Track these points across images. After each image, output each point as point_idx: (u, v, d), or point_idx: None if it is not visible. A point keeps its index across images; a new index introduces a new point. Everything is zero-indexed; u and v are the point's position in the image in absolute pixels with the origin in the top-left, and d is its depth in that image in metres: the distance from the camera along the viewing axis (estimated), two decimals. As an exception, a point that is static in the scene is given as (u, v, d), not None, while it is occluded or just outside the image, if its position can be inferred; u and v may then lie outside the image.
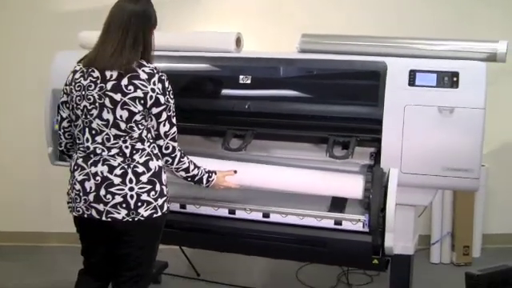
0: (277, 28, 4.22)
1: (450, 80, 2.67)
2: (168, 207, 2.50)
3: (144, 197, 2.39)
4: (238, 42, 3.10)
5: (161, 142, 2.46)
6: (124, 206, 2.37)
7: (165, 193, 2.46)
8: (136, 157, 2.39)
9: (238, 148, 2.83)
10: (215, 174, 2.70)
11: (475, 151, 2.64)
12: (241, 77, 2.91)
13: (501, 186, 4.50)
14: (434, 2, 4.34)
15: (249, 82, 2.90)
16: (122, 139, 2.38)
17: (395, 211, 2.64)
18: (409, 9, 4.31)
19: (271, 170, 2.86)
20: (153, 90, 2.36)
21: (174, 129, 2.47)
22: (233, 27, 3.24)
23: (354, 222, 2.73)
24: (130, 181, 2.38)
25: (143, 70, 2.37)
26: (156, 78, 2.38)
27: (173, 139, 2.48)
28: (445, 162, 2.66)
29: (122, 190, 2.37)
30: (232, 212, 2.89)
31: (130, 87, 2.34)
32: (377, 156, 2.78)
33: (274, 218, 2.84)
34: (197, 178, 2.63)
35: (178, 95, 2.96)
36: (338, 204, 2.83)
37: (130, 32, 2.38)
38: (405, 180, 2.69)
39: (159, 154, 2.48)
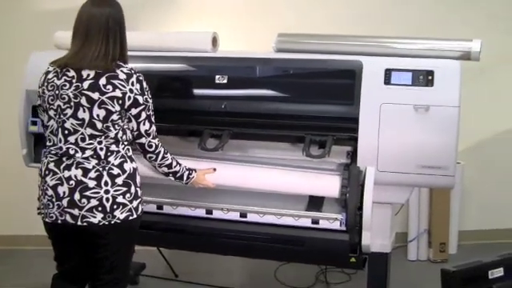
0: (254, 27, 4.22)
1: (425, 78, 2.69)
2: (142, 209, 2.49)
3: (120, 199, 2.37)
4: (214, 41, 3.09)
5: (143, 140, 2.47)
6: (100, 209, 2.35)
7: (139, 195, 2.46)
8: (111, 159, 2.38)
9: (214, 148, 2.82)
10: (195, 171, 2.72)
11: (450, 149, 2.67)
12: (217, 76, 2.90)
13: (476, 183, 4.55)
14: (410, 1, 4.36)
15: (225, 81, 2.89)
16: (97, 140, 2.36)
17: (372, 209, 2.65)
18: (383, 8, 4.33)
19: (248, 170, 2.86)
20: (131, 91, 2.37)
21: (154, 126, 2.49)
22: (209, 27, 3.22)
23: (332, 220, 2.73)
24: (106, 183, 2.36)
25: (121, 71, 2.37)
26: (134, 79, 2.38)
27: (154, 137, 2.50)
28: (421, 160, 2.68)
29: (98, 193, 2.35)
30: (209, 212, 2.88)
31: (109, 86, 2.33)
32: (353, 155, 2.79)
33: (251, 217, 2.84)
34: (178, 174, 2.65)
35: (155, 96, 2.94)
36: (315, 203, 2.83)
37: (110, 34, 2.39)
38: (381, 178, 2.71)
39: (142, 152, 2.52)
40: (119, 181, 2.38)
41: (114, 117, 2.35)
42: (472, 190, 4.55)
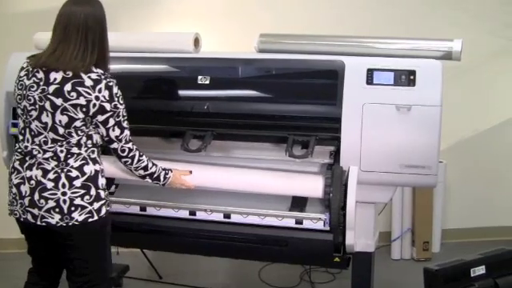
0: (236, 28, 4.21)
1: (406, 78, 2.70)
2: (107, 211, 2.47)
3: (77, 201, 2.36)
4: (196, 42, 3.08)
5: (115, 146, 2.46)
6: (57, 210, 2.35)
7: (102, 196, 2.44)
8: (70, 161, 2.37)
9: (197, 149, 2.80)
10: (171, 171, 2.71)
11: (433, 148, 2.68)
12: (199, 77, 2.89)
13: (458, 181, 4.58)
14: (390, 1, 4.38)
15: (207, 82, 2.88)
16: (58, 143, 2.36)
17: (355, 209, 2.65)
18: (364, 7, 4.34)
19: (231, 171, 2.85)
20: (97, 98, 2.34)
21: (126, 132, 2.47)
22: (191, 27, 3.22)
23: (315, 220, 2.73)
24: (63, 185, 2.35)
25: (89, 77, 2.34)
26: (102, 85, 2.35)
27: (126, 141, 2.48)
28: (403, 160, 2.69)
29: (55, 194, 2.35)
30: (192, 213, 2.87)
31: (73, 93, 2.31)
32: (336, 155, 2.78)
33: (234, 218, 2.83)
34: (155, 175, 2.63)
35: (136, 97, 2.99)
36: (298, 203, 2.82)
37: (89, 34, 2.37)
38: (364, 178, 2.71)
39: (116, 157, 2.50)
40: (77, 183, 2.37)
41: (77, 123, 2.35)
42: (454, 189, 4.58)
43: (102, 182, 2.45)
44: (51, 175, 2.35)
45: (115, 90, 2.39)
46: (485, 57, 4.43)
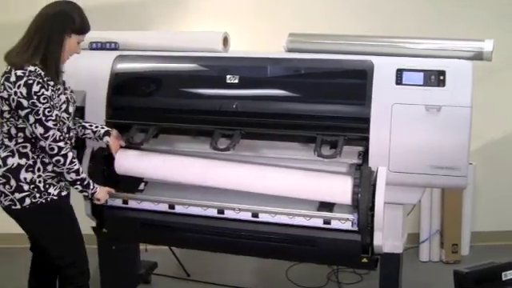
0: (264, 27, 4.21)
1: (436, 79, 2.67)
2: (33, 202, 2.59)
3: (1, 188, 2.59)
4: (225, 41, 3.09)
5: (42, 143, 2.55)
6: None
7: (25, 189, 2.58)
8: (1, 151, 2.60)
9: (225, 148, 2.80)
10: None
11: (463, 149, 2.65)
12: (228, 76, 2.90)
13: (488, 183, 4.51)
14: (419, 1, 4.34)
15: (236, 81, 2.89)
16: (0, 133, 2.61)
17: (384, 210, 2.64)
18: (394, 9, 4.31)
19: (258, 174, 2.85)
20: (15, 93, 2.48)
21: (53, 131, 2.53)
22: (220, 27, 3.23)
23: (343, 221, 2.73)
24: None
25: (15, 73, 2.48)
26: (22, 82, 2.47)
27: (55, 140, 2.55)
28: (433, 161, 2.66)
29: None
30: (221, 212, 2.89)
31: (1, 87, 2.51)
32: (365, 155, 2.76)
33: (263, 217, 2.84)
34: (85, 182, 2.69)
35: (165, 95, 3.03)
36: (327, 203, 2.82)
37: (37, 34, 2.53)
38: (393, 178, 2.69)
39: (48, 157, 2.58)
40: (0, 171, 2.57)
41: (6, 115, 2.55)
42: (484, 191, 4.52)
43: (25, 176, 2.58)
44: None
45: (35, 88, 2.48)
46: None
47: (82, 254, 2.79)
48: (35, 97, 2.47)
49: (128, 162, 3.00)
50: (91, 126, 2.93)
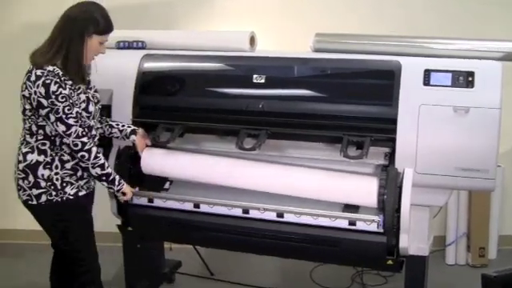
0: (291, 27, 4.21)
1: (465, 80, 2.66)
2: (49, 199, 2.66)
3: (20, 182, 2.69)
4: (252, 41, 3.11)
5: (66, 141, 2.62)
6: (15, 183, 2.73)
7: (42, 185, 2.65)
8: (22, 147, 2.69)
9: (251, 147, 2.82)
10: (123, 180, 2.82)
11: (491, 151, 2.63)
12: (254, 76, 2.91)
13: (517, 186, 4.47)
14: (447, 1, 4.31)
15: (263, 81, 2.90)
16: (23, 129, 2.69)
17: (410, 212, 2.64)
18: (422, 8, 4.29)
19: (282, 175, 2.86)
20: (35, 93, 2.56)
21: (74, 128, 2.60)
22: (247, 26, 3.25)
23: (369, 222, 2.72)
24: (15, 165, 2.71)
25: (35, 73, 2.56)
26: (40, 82, 2.54)
27: (78, 136, 2.61)
28: (460, 163, 2.65)
29: (15, 171, 2.72)
30: (246, 211, 2.90)
31: (24, 86, 2.60)
32: (391, 156, 2.76)
33: (287, 217, 2.85)
34: (111, 177, 2.74)
35: (192, 95, 3.05)
36: (352, 204, 2.82)
37: (60, 34, 2.60)
38: (420, 180, 2.68)
39: (73, 153, 2.65)
40: (20, 166, 2.68)
41: (27, 112, 2.63)
42: (513, 194, 4.48)
43: (42, 172, 2.65)
44: (18, 156, 2.70)
45: (53, 87, 2.54)
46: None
47: (93, 251, 2.85)
48: (53, 96, 2.54)
49: (154, 160, 3.02)
50: (118, 124, 2.98)
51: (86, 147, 2.62)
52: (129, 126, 2.99)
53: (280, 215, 2.86)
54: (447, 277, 4.06)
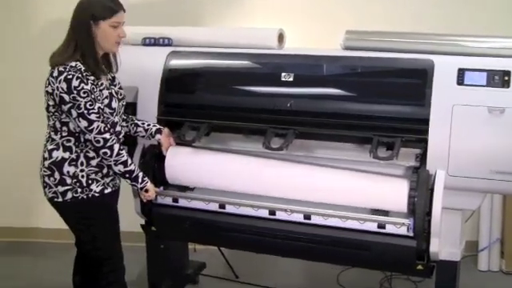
0: (321, 24, 4.20)
1: (500, 79, 2.64)
2: (74, 197, 2.71)
3: (46, 179, 2.73)
4: (281, 38, 3.12)
5: (88, 137, 2.66)
6: (41, 181, 2.77)
7: (68, 182, 2.70)
8: (48, 144, 2.74)
9: (279, 147, 2.82)
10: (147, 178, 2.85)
11: (527, 154, 2.60)
12: (283, 74, 2.92)
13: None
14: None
15: (291, 79, 2.91)
16: (48, 126, 2.75)
17: (441, 215, 2.62)
18: (455, 4, 4.24)
19: (308, 182, 2.87)
20: (57, 88, 2.60)
21: (96, 123, 2.64)
22: (275, 23, 3.25)
23: (399, 225, 2.71)
24: (41, 162, 2.76)
25: (58, 68, 2.61)
26: (62, 77, 2.59)
27: (100, 132, 2.65)
28: (494, 165, 2.63)
29: (41, 169, 2.76)
30: (272, 213, 2.90)
31: (47, 81, 2.65)
32: (423, 158, 2.74)
33: (315, 219, 2.85)
34: (134, 174, 2.77)
35: (219, 93, 3.07)
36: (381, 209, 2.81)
37: (72, 32, 2.68)
38: (452, 183, 2.67)
39: (94, 150, 2.69)
40: (46, 164, 2.72)
41: (51, 109, 2.68)
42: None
43: (68, 169, 2.70)
44: (44, 153, 2.75)
45: (75, 83, 2.58)
46: None
47: (118, 250, 2.89)
48: (75, 91, 2.58)
49: (178, 160, 3.05)
50: (143, 123, 3.01)
51: (108, 144, 2.66)
52: (154, 125, 3.01)
53: (307, 217, 2.86)
54: (479, 283, 4.02)
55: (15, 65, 4.50)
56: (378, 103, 2.84)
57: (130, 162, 2.75)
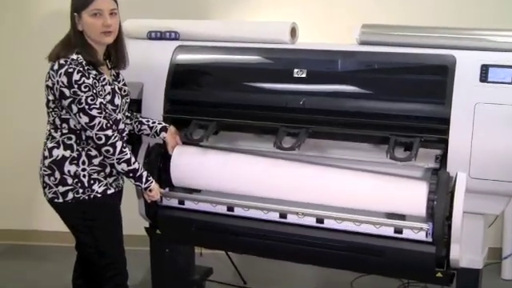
0: (335, 18, 4.20)
1: (527, 76, 2.62)
2: (75, 197, 2.71)
3: (46, 179, 2.74)
4: (293, 32, 3.10)
5: (89, 134, 2.66)
6: (40, 181, 2.78)
7: (68, 182, 2.71)
8: (48, 142, 2.75)
9: (290, 147, 2.81)
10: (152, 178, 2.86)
11: (554, 156, 2.58)
12: (295, 70, 2.91)
13: None
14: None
15: (304, 75, 2.89)
16: (48, 123, 2.76)
17: (462, 220, 2.61)
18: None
19: (320, 183, 2.87)
20: (57, 82, 2.61)
21: (98, 119, 2.64)
22: (287, 17, 3.24)
23: (416, 230, 2.70)
24: (41, 161, 2.76)
25: (58, 61, 2.63)
26: (63, 70, 2.60)
27: (102, 129, 2.65)
28: (519, 167, 2.61)
29: (40, 168, 2.77)
30: (283, 216, 2.90)
31: (47, 75, 2.66)
32: (443, 159, 2.73)
33: (328, 223, 2.84)
34: (138, 173, 2.77)
35: (228, 89, 3.07)
36: (399, 213, 2.79)
37: (71, 23, 2.70)
38: (474, 186, 2.65)
39: (96, 148, 2.71)
40: (46, 162, 2.73)
41: (51, 104, 2.70)
42: None
43: (69, 168, 2.70)
44: (43, 151, 2.76)
45: (76, 76, 2.59)
46: None
47: (121, 254, 2.90)
48: (76, 86, 2.59)
49: (184, 160, 3.05)
50: (148, 121, 3.01)
51: (111, 141, 2.66)
52: (159, 123, 3.02)
53: (320, 221, 2.85)
54: (502, 292, 4.01)
55: (13, 63, 4.54)
56: (395, 101, 2.83)
57: (133, 160, 2.75)
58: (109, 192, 2.79)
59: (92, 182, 2.73)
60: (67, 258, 3.19)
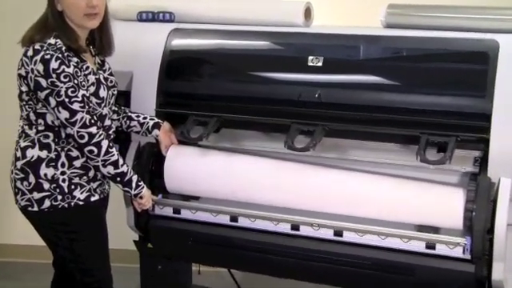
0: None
1: None
2: (53, 205, 2.66)
3: (18, 184, 2.70)
4: (308, 13, 3.09)
5: (69, 131, 2.62)
6: (12, 186, 2.75)
7: (45, 188, 2.66)
8: (21, 140, 2.70)
9: (304, 147, 2.79)
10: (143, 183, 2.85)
11: None
12: (310, 58, 2.89)
13: None
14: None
15: (320, 64, 2.88)
16: (21, 118, 2.71)
17: (506, 233, 2.57)
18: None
19: (340, 189, 2.86)
20: (32, 71, 2.56)
21: (80, 114, 2.59)
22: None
23: (452, 245, 2.67)
24: (12, 163, 2.73)
25: (33, 46, 2.57)
26: (38, 57, 2.55)
27: (84, 126, 2.60)
28: None
29: (12, 171, 2.74)
30: (295, 228, 2.89)
31: (20, 63, 2.62)
32: (483, 162, 2.71)
33: (348, 236, 2.83)
34: (127, 177, 2.75)
35: (232, 80, 3.09)
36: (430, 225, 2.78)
37: (47, 4, 2.66)
38: (520, 193, 2.64)
39: (78, 147, 2.67)
40: (18, 165, 2.69)
41: (24, 97, 2.66)
42: None
43: (45, 171, 2.66)
44: (15, 151, 2.72)
45: (54, 64, 2.54)
46: None
47: (107, 272, 2.89)
48: (54, 75, 2.54)
49: (181, 162, 3.04)
50: (138, 116, 3.01)
51: (95, 140, 2.63)
52: (151, 119, 3.01)
53: (338, 233, 2.85)
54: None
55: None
56: (426, 94, 2.81)
57: (121, 162, 2.72)
58: (92, 199, 2.75)
59: (73, 187, 2.69)
60: (42, 277, 3.19)
